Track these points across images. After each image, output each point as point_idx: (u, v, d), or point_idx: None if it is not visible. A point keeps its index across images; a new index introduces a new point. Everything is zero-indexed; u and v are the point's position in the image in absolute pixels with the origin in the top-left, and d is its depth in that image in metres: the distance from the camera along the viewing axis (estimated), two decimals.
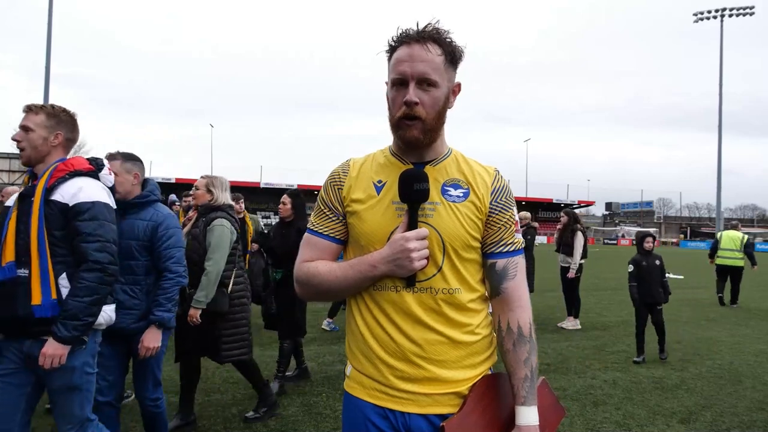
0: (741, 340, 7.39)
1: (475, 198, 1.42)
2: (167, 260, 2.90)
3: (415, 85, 1.33)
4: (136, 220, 2.89)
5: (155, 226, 2.90)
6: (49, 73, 26.31)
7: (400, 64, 1.34)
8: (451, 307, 1.39)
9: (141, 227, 2.88)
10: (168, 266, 2.89)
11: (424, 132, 1.36)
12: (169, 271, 2.89)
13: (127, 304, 2.83)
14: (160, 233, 2.90)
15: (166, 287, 2.87)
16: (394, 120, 1.38)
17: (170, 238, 2.92)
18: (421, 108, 1.34)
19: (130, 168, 2.93)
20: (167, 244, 2.90)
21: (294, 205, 4.81)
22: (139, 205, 2.93)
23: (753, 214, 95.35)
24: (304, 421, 3.98)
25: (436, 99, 1.35)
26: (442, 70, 1.35)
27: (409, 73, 1.33)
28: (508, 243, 1.45)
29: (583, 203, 79.13)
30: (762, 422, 4.25)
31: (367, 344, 1.42)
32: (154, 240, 2.89)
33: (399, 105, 1.35)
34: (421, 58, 1.32)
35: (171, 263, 2.90)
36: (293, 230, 4.62)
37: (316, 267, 1.44)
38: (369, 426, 1.41)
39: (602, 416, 4.28)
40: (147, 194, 2.98)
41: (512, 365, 1.41)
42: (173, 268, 2.91)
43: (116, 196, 2.56)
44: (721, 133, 53.05)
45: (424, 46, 1.33)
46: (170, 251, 2.91)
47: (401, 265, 1.33)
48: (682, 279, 16.67)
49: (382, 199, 1.41)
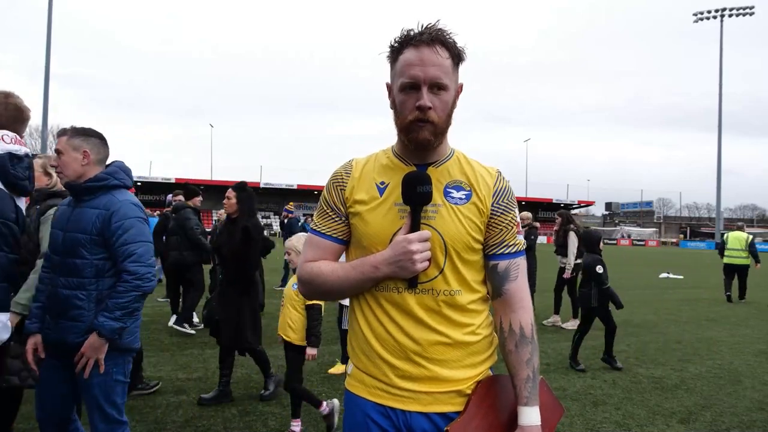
0: (741, 340, 7.40)
1: (477, 200, 1.42)
2: (124, 259, 2.33)
3: (428, 89, 1.33)
4: (87, 208, 2.36)
5: (108, 215, 2.33)
6: (48, 73, 26.33)
7: (411, 67, 1.33)
8: (452, 309, 1.40)
9: (91, 217, 2.33)
10: (125, 266, 2.32)
11: (435, 134, 1.36)
12: (126, 272, 2.32)
13: (70, 313, 2.31)
14: (114, 225, 2.32)
15: (119, 291, 2.30)
16: (405, 123, 1.37)
17: (128, 230, 2.34)
18: (434, 112, 1.34)
19: (78, 145, 2.38)
20: (124, 238, 2.33)
21: (239, 199, 4.34)
22: (91, 190, 2.38)
23: (753, 214, 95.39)
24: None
25: (446, 102, 1.36)
26: (450, 72, 1.36)
27: (422, 78, 1.32)
28: (509, 244, 1.45)
29: (583, 203, 79.16)
30: (762, 422, 4.26)
31: (368, 344, 1.43)
32: (106, 233, 2.33)
33: (411, 109, 1.35)
34: (432, 62, 1.32)
35: (129, 263, 2.32)
36: (239, 228, 4.22)
37: (319, 267, 1.45)
38: (370, 424, 1.42)
39: (602, 416, 4.28)
40: (103, 177, 2.40)
41: (514, 366, 1.42)
42: (131, 268, 2.32)
43: (63, 180, 2.33)
44: (720, 133, 53.08)
45: (433, 49, 1.33)
46: (127, 247, 2.33)
47: (404, 267, 1.33)
48: (682, 279, 16.68)
49: (384, 201, 1.42)
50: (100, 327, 2.27)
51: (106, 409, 2.40)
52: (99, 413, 2.39)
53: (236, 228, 4.27)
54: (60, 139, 2.40)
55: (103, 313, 2.29)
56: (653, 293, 12.78)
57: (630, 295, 12.25)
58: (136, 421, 3.83)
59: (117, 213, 2.34)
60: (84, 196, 2.39)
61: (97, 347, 2.29)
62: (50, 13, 26.38)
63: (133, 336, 2.47)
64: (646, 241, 64.40)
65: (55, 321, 2.32)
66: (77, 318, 2.32)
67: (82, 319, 2.32)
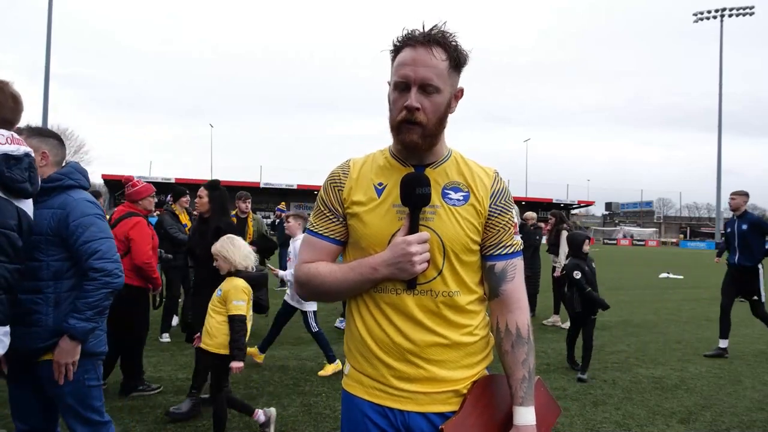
0: (741, 340, 7.39)
1: (474, 201, 1.42)
2: (88, 257, 2.25)
3: (417, 90, 1.32)
4: (43, 209, 2.28)
5: (64, 215, 2.26)
6: (48, 73, 26.34)
7: (403, 67, 1.33)
8: (450, 310, 1.40)
9: (45, 218, 2.26)
10: (90, 264, 2.25)
11: (423, 137, 1.35)
12: (92, 270, 2.25)
13: (28, 318, 2.20)
14: (73, 224, 2.26)
15: (87, 290, 2.23)
16: (394, 122, 1.37)
17: (88, 228, 2.27)
18: (422, 114, 1.33)
19: (36, 146, 2.31)
20: (85, 236, 2.26)
21: (211, 198, 4.18)
22: (46, 190, 2.29)
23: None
24: (304, 421, 3.98)
25: (437, 105, 1.34)
26: (445, 75, 1.34)
27: (412, 78, 1.32)
28: (507, 245, 1.45)
29: (583, 203, 79.12)
30: (762, 422, 4.26)
31: (365, 345, 1.43)
32: (64, 233, 2.26)
33: (400, 108, 1.34)
34: (425, 62, 1.31)
35: (94, 260, 2.25)
36: (211, 228, 4.04)
37: (317, 268, 1.44)
38: (368, 424, 1.42)
39: (602, 416, 4.28)
40: (58, 177, 2.33)
41: (510, 366, 1.42)
42: (98, 265, 2.25)
43: None
44: (720, 133, 53.10)
45: (429, 50, 1.32)
46: (90, 245, 2.26)
47: (403, 268, 1.33)
48: (682, 279, 16.67)
49: (382, 202, 1.41)
50: (72, 329, 2.19)
51: (85, 414, 2.36)
52: (78, 419, 2.35)
53: (208, 228, 4.10)
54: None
55: (72, 315, 2.21)
56: (653, 293, 12.78)
57: (630, 295, 12.26)
58: (136, 421, 3.83)
59: (74, 212, 2.27)
60: (41, 196, 2.25)
61: (69, 350, 2.21)
62: (50, 13, 26.39)
63: (98, 339, 2.38)
64: (646, 241, 64.38)
65: (13, 328, 2.10)
66: (36, 323, 2.22)
67: (41, 324, 2.22)
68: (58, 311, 2.24)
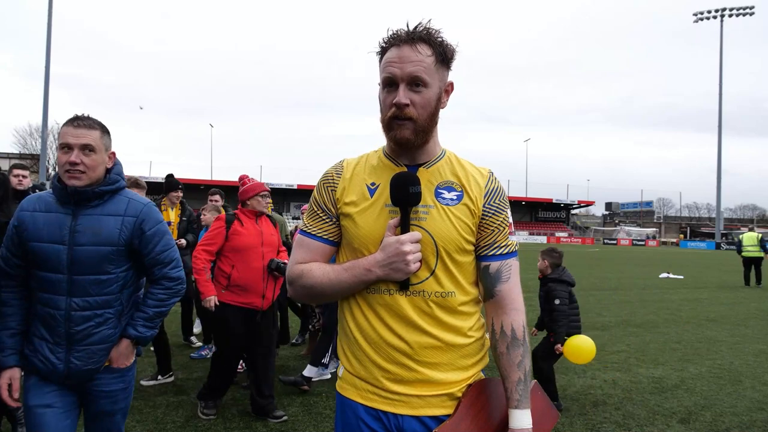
0: (741, 340, 7.39)
1: (468, 200, 1.41)
2: (165, 266, 2.20)
3: (406, 86, 1.32)
4: (100, 216, 2.08)
5: (138, 222, 2.09)
6: (48, 73, 26.32)
7: (389, 65, 1.34)
8: (443, 310, 1.39)
9: (115, 226, 2.08)
10: (168, 273, 2.22)
11: (416, 133, 1.35)
12: (167, 279, 2.21)
13: (96, 336, 2.04)
14: (150, 231, 2.13)
15: (161, 298, 2.21)
16: (385, 120, 1.37)
17: (164, 235, 2.17)
18: (412, 109, 1.33)
19: (108, 145, 2.14)
20: (162, 244, 2.17)
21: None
22: (103, 194, 2.08)
23: (753, 214, 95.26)
24: (304, 421, 3.98)
25: (427, 99, 1.34)
26: (432, 70, 1.34)
27: (399, 75, 1.32)
28: (501, 245, 1.44)
29: (583, 203, 79.16)
30: (762, 422, 4.25)
31: (359, 346, 1.42)
32: (138, 242, 2.12)
33: (389, 106, 1.34)
34: (410, 59, 1.32)
35: (170, 269, 2.20)
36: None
37: (310, 269, 1.43)
38: (362, 427, 1.41)
39: (602, 416, 4.28)
40: (116, 178, 2.13)
41: (506, 368, 1.41)
42: (175, 274, 2.22)
43: (80, 182, 2.01)
44: (720, 133, 53.10)
45: (413, 47, 1.33)
46: (168, 253, 2.18)
47: (397, 268, 1.32)
48: (682, 279, 16.67)
49: (375, 202, 1.41)
50: (142, 338, 2.12)
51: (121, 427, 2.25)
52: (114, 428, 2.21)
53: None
54: (91, 133, 1.99)
55: (143, 323, 2.12)
56: (653, 293, 12.77)
57: (630, 295, 12.25)
58: (136, 421, 3.83)
59: (149, 219, 2.11)
60: (91, 201, 2.02)
61: (129, 354, 2.13)
62: (50, 14, 26.40)
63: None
64: (646, 241, 64.36)
65: (69, 348, 1.98)
66: (106, 340, 2.05)
67: (111, 340, 2.07)
68: (121, 324, 2.12)
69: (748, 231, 16.09)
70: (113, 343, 2.09)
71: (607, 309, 9.94)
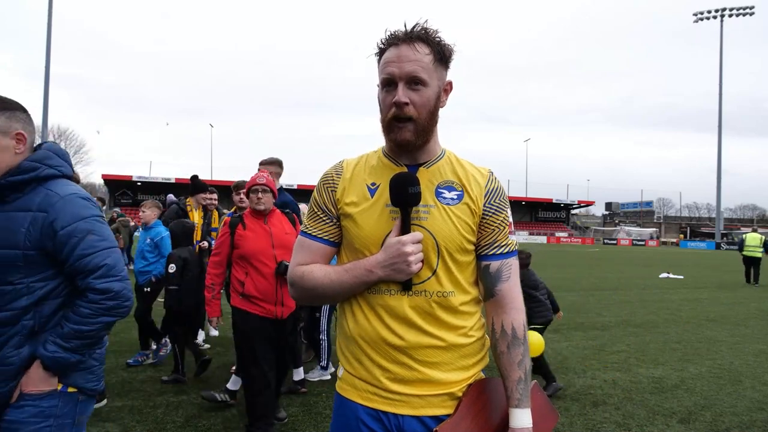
0: (741, 340, 7.39)
1: (468, 200, 1.41)
2: (88, 275, 1.74)
3: (405, 85, 1.32)
4: (15, 212, 1.72)
5: (48, 220, 1.68)
6: (48, 73, 26.33)
7: (388, 65, 1.34)
8: (444, 310, 1.38)
9: (22, 224, 1.70)
10: (91, 284, 1.75)
11: (417, 133, 1.35)
12: (92, 291, 1.74)
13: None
14: (62, 232, 1.70)
15: (83, 314, 1.72)
16: (385, 121, 1.37)
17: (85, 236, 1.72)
18: (412, 108, 1.33)
19: (4, 125, 1.74)
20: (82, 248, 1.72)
21: None
22: (18, 185, 1.73)
23: (753, 214, 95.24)
24: (304, 421, 3.98)
25: (426, 98, 1.34)
26: (431, 69, 1.35)
27: (397, 74, 1.32)
28: (501, 245, 1.44)
29: (583, 203, 79.17)
30: (762, 422, 4.25)
31: (359, 347, 1.42)
32: (49, 245, 1.70)
33: (389, 106, 1.34)
34: (408, 58, 1.32)
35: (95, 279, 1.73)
36: None
37: (311, 270, 1.42)
38: (362, 427, 1.40)
39: (602, 416, 4.28)
40: (31, 166, 1.74)
41: (506, 367, 1.41)
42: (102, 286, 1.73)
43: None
44: (720, 133, 53.13)
45: (411, 46, 1.33)
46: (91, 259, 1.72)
47: (398, 269, 1.32)
48: (682, 279, 16.67)
49: (376, 203, 1.41)
50: (46, 358, 1.66)
51: None
52: None
53: None
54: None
55: (54, 340, 1.67)
56: (653, 293, 12.77)
57: (630, 295, 12.26)
58: (136, 421, 3.83)
59: (63, 214, 1.67)
60: (7, 196, 1.68)
61: (39, 380, 1.68)
62: (50, 14, 26.41)
63: (97, 376, 1.83)
64: (646, 241, 64.36)
65: None
66: (4, 361, 1.65)
67: (11, 362, 1.66)
68: (34, 342, 1.68)
69: (751, 231, 17.00)
70: (24, 366, 1.68)
71: (607, 309, 9.94)
